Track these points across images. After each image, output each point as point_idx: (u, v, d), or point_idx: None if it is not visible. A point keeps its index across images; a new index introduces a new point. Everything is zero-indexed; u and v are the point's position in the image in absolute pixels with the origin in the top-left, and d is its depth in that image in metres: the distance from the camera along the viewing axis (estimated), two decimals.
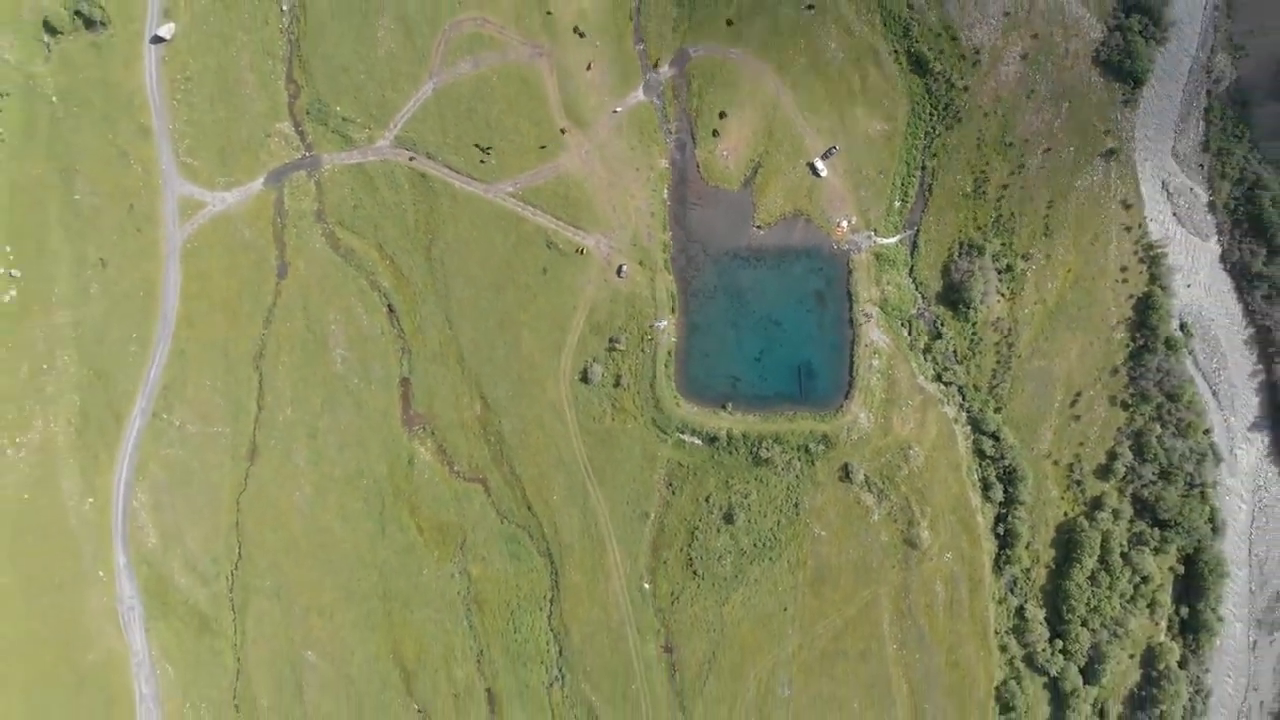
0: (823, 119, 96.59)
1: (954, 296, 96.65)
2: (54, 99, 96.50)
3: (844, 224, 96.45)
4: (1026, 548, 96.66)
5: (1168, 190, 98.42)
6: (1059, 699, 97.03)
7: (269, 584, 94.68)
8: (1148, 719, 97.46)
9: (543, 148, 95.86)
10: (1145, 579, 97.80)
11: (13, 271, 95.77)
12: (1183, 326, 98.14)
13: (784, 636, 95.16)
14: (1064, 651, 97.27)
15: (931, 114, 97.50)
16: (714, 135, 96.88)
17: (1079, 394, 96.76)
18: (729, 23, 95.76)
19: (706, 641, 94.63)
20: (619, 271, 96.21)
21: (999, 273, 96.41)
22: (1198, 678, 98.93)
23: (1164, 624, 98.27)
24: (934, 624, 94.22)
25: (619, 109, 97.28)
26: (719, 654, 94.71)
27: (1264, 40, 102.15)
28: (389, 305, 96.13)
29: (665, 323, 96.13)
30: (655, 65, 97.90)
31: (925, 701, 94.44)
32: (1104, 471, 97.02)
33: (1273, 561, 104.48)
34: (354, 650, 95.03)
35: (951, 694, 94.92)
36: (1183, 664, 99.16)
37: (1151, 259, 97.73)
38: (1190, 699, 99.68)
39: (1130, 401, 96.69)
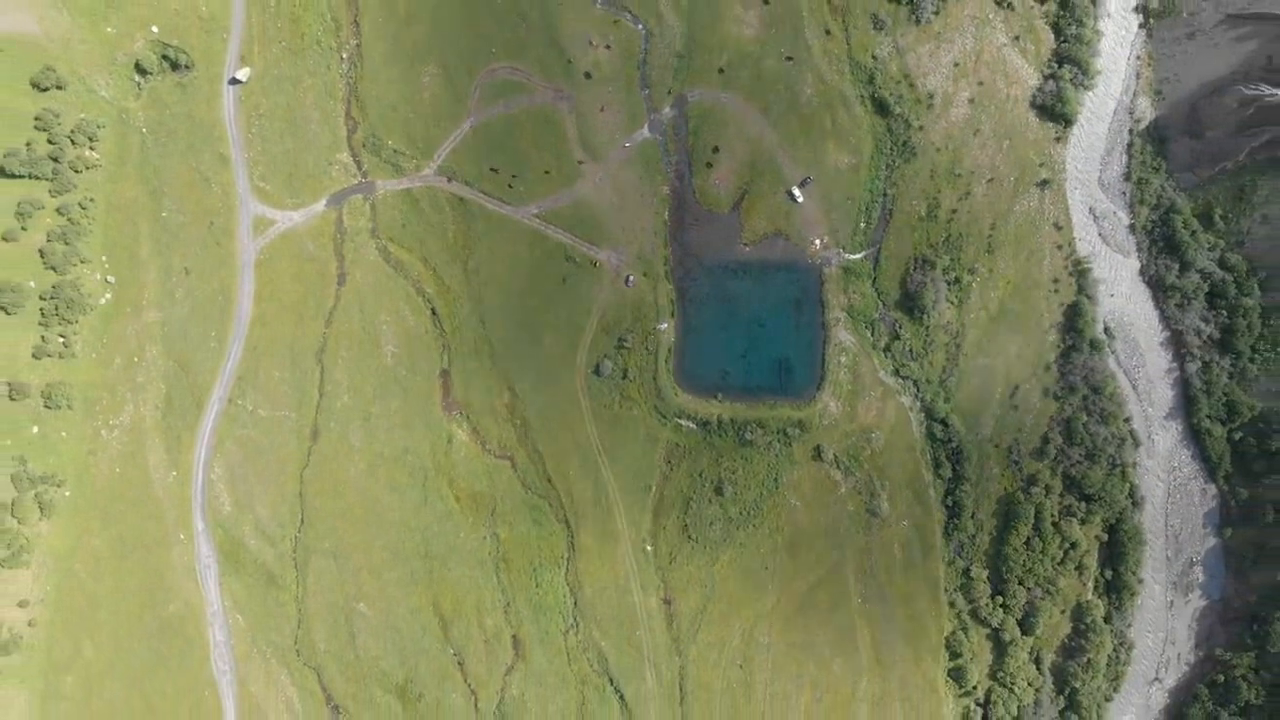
0: (799, 153, 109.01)
1: (910, 304, 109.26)
2: (144, 130, 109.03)
3: (817, 242, 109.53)
4: (971, 517, 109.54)
5: (1094, 214, 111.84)
6: (1000, 647, 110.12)
7: (327, 545, 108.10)
8: (1077, 666, 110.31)
9: (546, 172, 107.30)
10: (1074, 545, 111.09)
11: (109, 278, 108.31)
12: (1106, 330, 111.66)
13: (765, 591, 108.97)
14: (1004, 606, 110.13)
15: (891, 149, 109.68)
16: (708, 166, 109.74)
17: (1016, 387, 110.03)
18: (720, 71, 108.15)
19: (699, 595, 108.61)
20: (626, 281, 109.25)
21: (948, 284, 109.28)
22: (1121, 632, 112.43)
23: (1090, 584, 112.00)
24: (892, 582, 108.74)
25: (628, 144, 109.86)
26: (710, 606, 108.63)
27: (1179, 86, 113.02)
28: (432, 308, 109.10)
29: (666, 324, 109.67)
30: (658, 107, 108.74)
31: (885, 648, 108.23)
32: (1038, 453, 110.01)
33: (1186, 533, 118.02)
34: (399, 602, 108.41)
35: (908, 642, 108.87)
36: (1108, 619, 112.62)
37: (1079, 272, 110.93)
38: (1114, 650, 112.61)
39: (1060, 393, 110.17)
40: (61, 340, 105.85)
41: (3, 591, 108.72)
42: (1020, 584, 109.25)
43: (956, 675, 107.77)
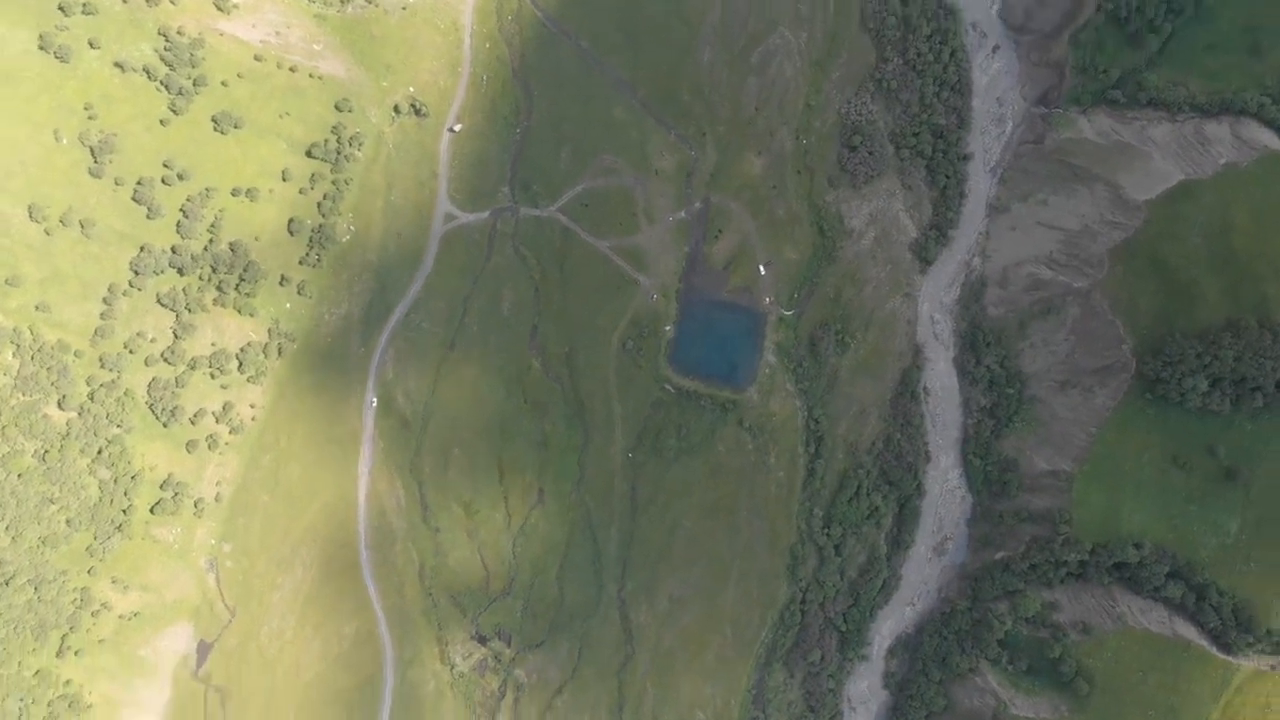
0: (768, 245, 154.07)
1: (813, 348, 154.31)
2: (391, 146, 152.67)
3: (768, 300, 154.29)
4: (820, 479, 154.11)
5: (932, 319, 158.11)
6: (821, 559, 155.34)
7: (444, 411, 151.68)
8: (864, 582, 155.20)
9: (619, 223, 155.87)
10: (877, 509, 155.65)
11: (351, 227, 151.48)
12: (925, 388, 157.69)
13: (692, 495, 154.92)
14: (828, 535, 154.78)
15: (822, 256, 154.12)
16: (714, 239, 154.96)
17: (864, 409, 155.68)
18: (734, 188, 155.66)
19: (653, 489, 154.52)
20: (651, 297, 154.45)
21: (836, 341, 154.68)
22: (895, 569, 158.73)
23: (883, 535, 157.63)
24: (766, 506, 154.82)
25: (671, 218, 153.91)
26: (658, 497, 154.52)
27: (999, 255, 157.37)
28: (536, 287, 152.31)
29: (670, 328, 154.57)
30: (693, 201, 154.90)
31: (754, 544, 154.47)
32: (867, 451, 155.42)
33: (947, 519, 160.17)
34: (479, 454, 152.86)
35: (768, 544, 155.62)
36: (888, 559, 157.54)
37: (915, 351, 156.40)
38: (888, 579, 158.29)
39: (888, 419, 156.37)
40: (316, 257, 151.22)
41: (243, 396, 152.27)
42: (840, 524, 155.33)
43: (792, 569, 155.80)
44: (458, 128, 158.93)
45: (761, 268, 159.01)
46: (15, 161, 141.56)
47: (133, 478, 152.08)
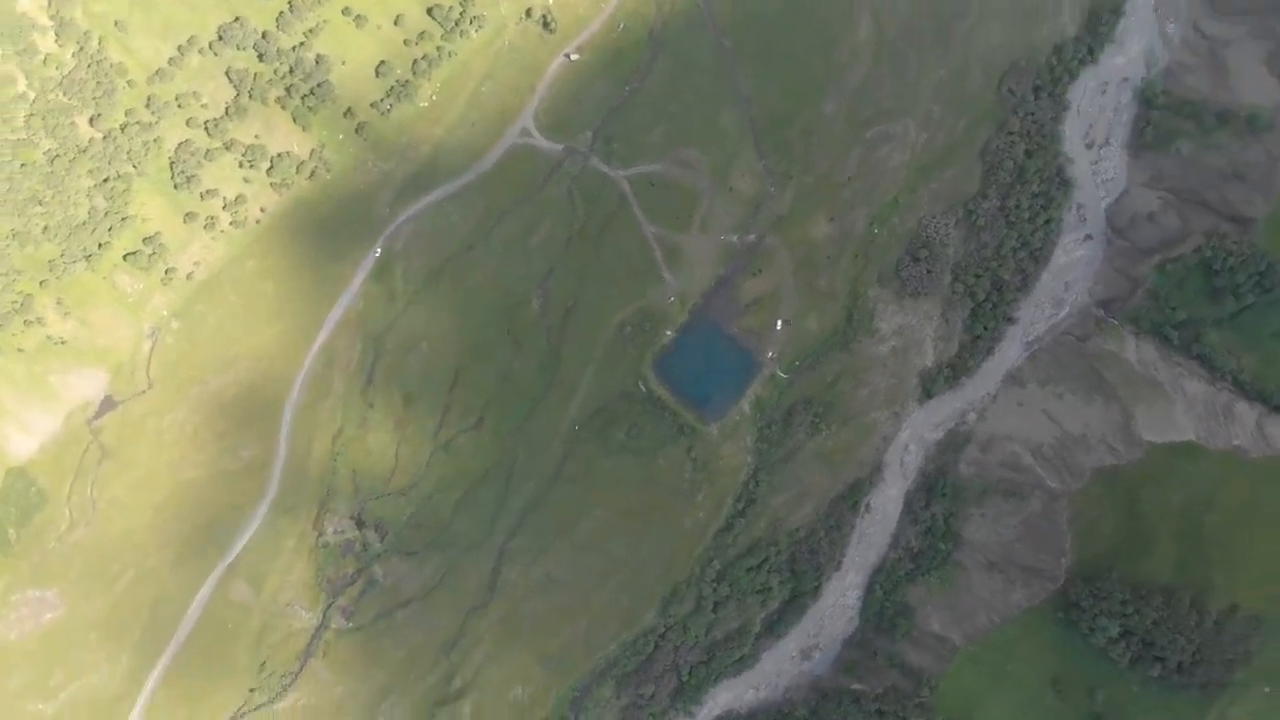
0: (796, 305, 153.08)
1: (789, 418, 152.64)
2: (506, 43, 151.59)
3: (770, 354, 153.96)
4: (734, 537, 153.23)
5: (906, 448, 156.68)
6: (699, 607, 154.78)
7: (430, 304, 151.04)
8: (725, 648, 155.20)
9: (675, 218, 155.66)
10: (769, 589, 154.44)
11: (433, 96, 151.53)
12: (867, 505, 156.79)
13: (613, 491, 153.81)
14: (714, 589, 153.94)
15: (839, 341, 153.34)
16: (752, 277, 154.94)
17: (804, 495, 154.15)
18: (794, 240, 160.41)
19: (581, 468, 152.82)
20: (669, 298, 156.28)
21: (812, 423, 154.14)
22: (758, 650, 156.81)
23: (760, 616, 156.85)
24: (679, 536, 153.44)
25: (722, 237, 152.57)
26: (582, 480, 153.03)
27: (994, 423, 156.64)
28: (571, 235, 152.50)
29: (670, 333, 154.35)
30: (750, 233, 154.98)
31: (647, 564, 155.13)
32: (789, 533, 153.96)
33: (826, 629, 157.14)
34: (442, 361, 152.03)
35: (660, 570, 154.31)
36: (757, 638, 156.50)
37: (875, 467, 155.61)
38: (747, 656, 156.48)
39: (821, 516, 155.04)
40: (389, 106, 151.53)
41: (259, 196, 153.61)
42: (730, 586, 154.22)
43: (667, 603, 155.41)
44: (575, 57, 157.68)
45: (779, 322, 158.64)
46: None
47: (123, 219, 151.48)
